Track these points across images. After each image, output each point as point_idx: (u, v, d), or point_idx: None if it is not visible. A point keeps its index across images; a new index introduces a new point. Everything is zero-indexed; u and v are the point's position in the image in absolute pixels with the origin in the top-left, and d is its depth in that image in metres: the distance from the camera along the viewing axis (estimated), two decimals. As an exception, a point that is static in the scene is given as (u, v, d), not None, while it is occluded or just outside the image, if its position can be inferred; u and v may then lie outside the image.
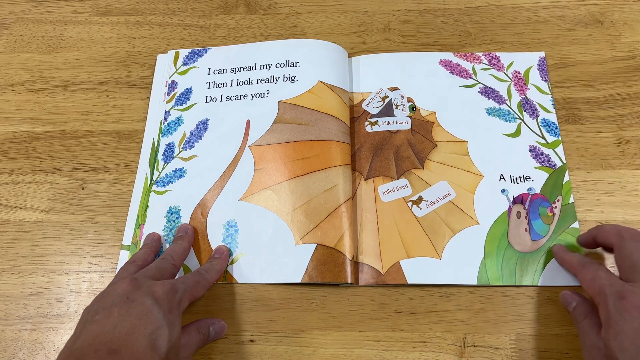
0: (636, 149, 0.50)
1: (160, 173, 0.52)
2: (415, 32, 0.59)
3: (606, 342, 0.35)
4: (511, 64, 0.55)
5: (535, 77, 0.54)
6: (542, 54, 0.56)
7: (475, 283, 0.45)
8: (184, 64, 0.57)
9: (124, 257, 0.48)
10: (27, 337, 0.46)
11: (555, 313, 0.44)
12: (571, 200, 0.48)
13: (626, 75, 0.54)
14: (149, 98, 0.56)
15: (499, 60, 0.55)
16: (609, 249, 0.42)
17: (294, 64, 0.55)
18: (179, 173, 0.51)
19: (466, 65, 0.55)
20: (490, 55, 0.56)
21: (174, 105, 0.55)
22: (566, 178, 0.49)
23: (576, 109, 0.53)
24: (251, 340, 0.45)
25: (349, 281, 0.45)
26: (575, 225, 0.47)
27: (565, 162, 0.50)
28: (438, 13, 0.60)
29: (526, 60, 0.55)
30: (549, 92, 0.53)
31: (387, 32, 0.59)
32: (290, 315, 0.45)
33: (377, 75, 0.55)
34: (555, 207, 0.48)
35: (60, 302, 0.47)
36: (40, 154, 0.54)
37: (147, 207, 0.50)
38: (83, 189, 0.52)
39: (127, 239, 0.49)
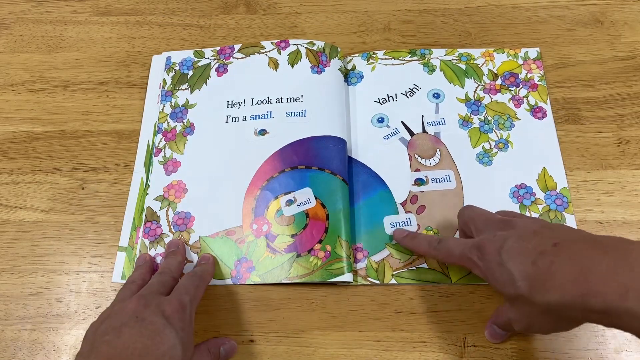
0: (636, 149, 0.50)
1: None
2: (415, 32, 0.59)
3: (496, 289, 0.37)
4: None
5: None
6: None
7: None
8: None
9: (121, 258, 0.48)
10: (27, 337, 0.46)
11: (555, 313, 0.44)
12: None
13: (626, 75, 0.54)
14: (149, 98, 0.57)
15: None
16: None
17: None
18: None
19: None
20: None
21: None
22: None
23: (576, 109, 0.53)
24: (251, 340, 0.45)
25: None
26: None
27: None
28: (438, 13, 0.60)
29: None
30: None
31: (387, 32, 0.59)
32: (290, 315, 0.45)
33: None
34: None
35: (60, 302, 0.47)
36: (40, 154, 0.54)
37: (142, 209, 0.50)
38: (83, 189, 0.52)
39: (124, 241, 0.49)
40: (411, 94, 0.54)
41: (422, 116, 0.53)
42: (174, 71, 0.57)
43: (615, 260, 0.32)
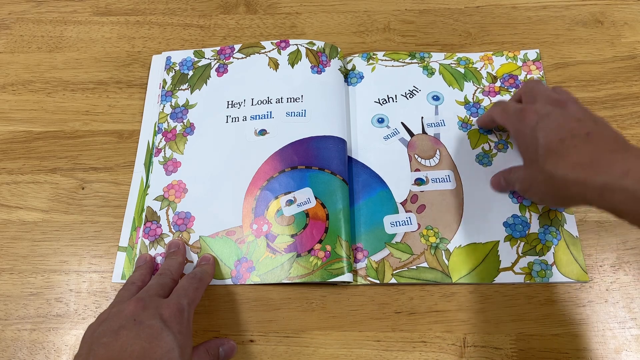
0: (636, 149, 0.50)
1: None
2: (415, 32, 0.59)
3: (519, 150, 0.44)
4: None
5: None
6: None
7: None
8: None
9: (121, 258, 0.48)
10: (27, 337, 0.46)
11: (555, 313, 0.44)
12: None
13: (626, 75, 0.54)
14: (149, 98, 0.57)
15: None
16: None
17: None
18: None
19: None
20: None
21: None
22: None
23: (576, 109, 0.53)
24: (251, 340, 0.45)
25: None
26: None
27: None
28: (438, 13, 0.60)
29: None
30: None
31: (387, 32, 0.59)
32: (290, 315, 0.45)
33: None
34: None
35: (60, 302, 0.47)
36: (40, 154, 0.54)
37: (142, 209, 0.50)
38: (83, 189, 0.52)
39: (124, 241, 0.49)
40: (411, 96, 0.54)
41: (422, 117, 0.53)
42: (174, 71, 0.57)
43: (632, 158, 0.35)
